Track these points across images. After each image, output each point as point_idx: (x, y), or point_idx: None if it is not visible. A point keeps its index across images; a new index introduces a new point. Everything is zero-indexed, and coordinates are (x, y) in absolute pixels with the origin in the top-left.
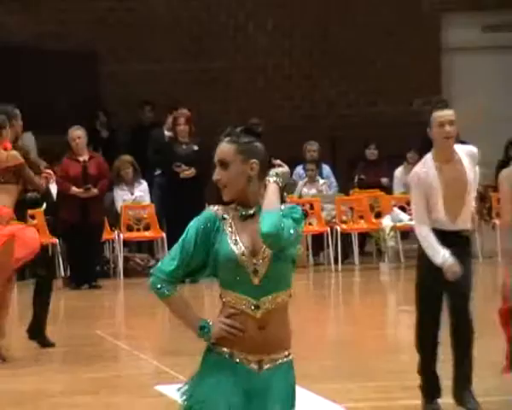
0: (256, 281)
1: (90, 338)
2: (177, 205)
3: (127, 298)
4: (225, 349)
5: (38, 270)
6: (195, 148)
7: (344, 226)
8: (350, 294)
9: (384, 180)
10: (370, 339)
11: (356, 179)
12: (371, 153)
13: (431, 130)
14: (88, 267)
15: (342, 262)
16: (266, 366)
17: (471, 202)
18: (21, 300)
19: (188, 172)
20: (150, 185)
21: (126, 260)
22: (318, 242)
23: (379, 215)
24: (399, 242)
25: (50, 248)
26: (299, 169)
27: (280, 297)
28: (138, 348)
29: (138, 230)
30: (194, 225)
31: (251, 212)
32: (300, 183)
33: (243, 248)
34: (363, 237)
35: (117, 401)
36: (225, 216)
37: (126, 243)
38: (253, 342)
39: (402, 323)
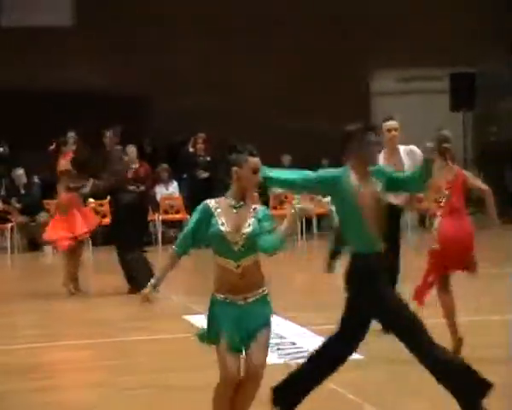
0: (236, 249)
1: None
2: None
3: (163, 258)
4: (221, 295)
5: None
6: (208, 159)
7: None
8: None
9: None
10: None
11: None
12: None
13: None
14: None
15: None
16: (249, 300)
17: None
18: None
19: (204, 175)
20: (179, 184)
21: (163, 233)
22: None
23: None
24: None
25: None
26: None
27: (252, 258)
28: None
29: (171, 213)
30: (195, 213)
31: (240, 204)
32: None
33: (228, 228)
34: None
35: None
36: (217, 207)
37: (164, 222)
38: (237, 287)
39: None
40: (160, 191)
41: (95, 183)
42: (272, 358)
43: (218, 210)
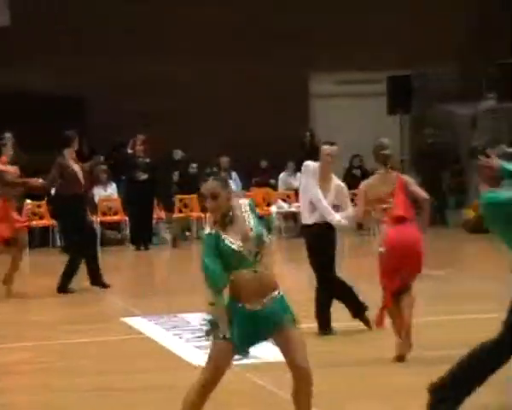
0: (251, 258)
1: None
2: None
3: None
4: (240, 304)
5: None
6: (148, 160)
7: None
8: None
9: (272, 181)
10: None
11: (253, 181)
12: (263, 163)
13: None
14: None
15: None
16: (267, 303)
17: None
18: None
19: (143, 176)
20: (118, 185)
21: (101, 235)
22: None
23: (269, 204)
24: (282, 221)
25: None
26: None
27: (264, 260)
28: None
29: (110, 215)
30: (205, 246)
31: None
32: None
33: (238, 242)
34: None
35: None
36: (218, 231)
37: (102, 224)
38: (258, 291)
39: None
40: (99, 193)
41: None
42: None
43: (221, 233)
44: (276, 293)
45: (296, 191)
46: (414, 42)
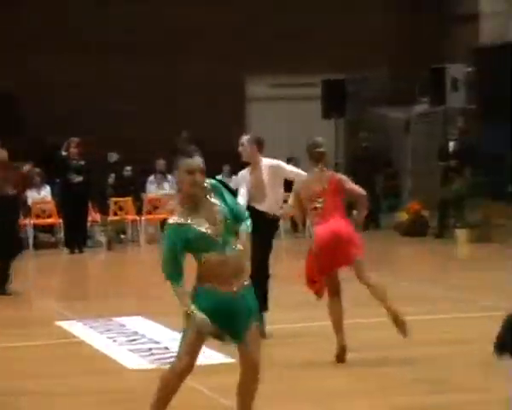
0: (221, 241)
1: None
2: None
3: (35, 263)
4: (210, 284)
5: None
6: (82, 163)
7: None
8: None
9: None
10: None
11: None
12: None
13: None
14: None
15: None
16: (237, 290)
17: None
18: None
19: (78, 179)
20: (52, 188)
21: (35, 238)
22: (165, 225)
23: None
24: None
25: None
26: (151, 178)
27: (235, 246)
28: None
29: (43, 218)
30: (166, 239)
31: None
32: (153, 186)
33: (206, 224)
34: None
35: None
36: (181, 218)
37: (36, 226)
38: (227, 276)
39: None
40: (32, 196)
41: None
42: (145, 363)
43: (188, 218)
44: (248, 281)
45: None
46: (348, 47)
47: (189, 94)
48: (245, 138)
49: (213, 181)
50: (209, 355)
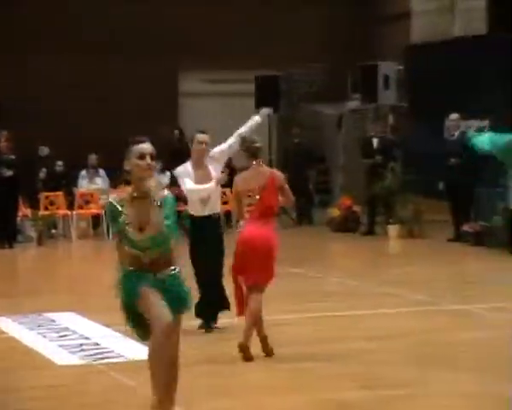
0: (142, 245)
1: None
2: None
3: None
4: (133, 269)
5: None
6: (12, 157)
7: None
8: None
9: None
10: None
11: (122, 179)
12: None
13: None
14: None
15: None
16: (161, 276)
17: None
18: None
19: (8, 173)
20: None
21: None
22: (96, 219)
23: None
24: None
25: None
26: (83, 172)
27: (161, 250)
28: None
29: None
30: (107, 216)
31: (136, 194)
32: (85, 181)
33: (129, 222)
34: None
35: None
36: (119, 200)
37: None
38: (146, 268)
39: None
40: None
41: None
42: (75, 359)
43: (122, 204)
44: (172, 269)
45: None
46: (281, 43)
47: (121, 91)
48: (203, 137)
49: (171, 195)
50: (137, 349)
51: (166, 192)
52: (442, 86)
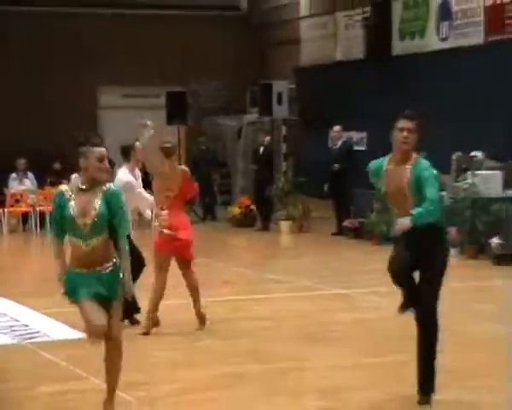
0: (84, 231)
1: None
2: None
3: None
4: (75, 269)
5: None
6: None
7: (42, 208)
8: None
9: (64, 181)
10: None
11: (48, 181)
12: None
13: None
14: None
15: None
16: (100, 272)
17: None
18: None
19: None
20: None
21: None
22: (25, 216)
23: None
24: None
25: None
26: (14, 175)
27: (100, 238)
28: None
29: None
30: (52, 202)
31: (84, 187)
32: (15, 182)
33: (77, 211)
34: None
35: None
36: (69, 191)
37: None
38: (86, 262)
39: None
40: None
41: None
42: (6, 339)
43: (70, 194)
44: (109, 265)
45: None
46: (189, 62)
47: (50, 101)
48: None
49: (115, 187)
50: (61, 330)
51: (112, 185)
52: (327, 102)
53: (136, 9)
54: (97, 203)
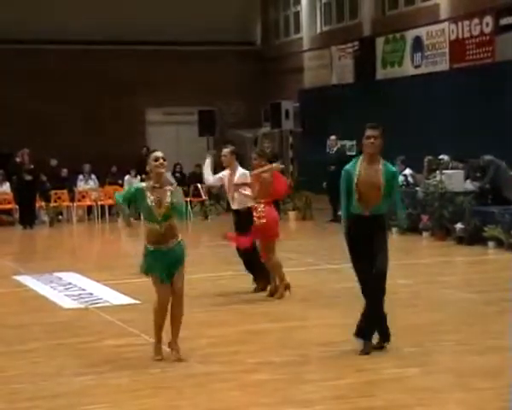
0: (159, 218)
1: None
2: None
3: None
4: (151, 246)
5: None
6: (32, 166)
7: (102, 203)
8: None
9: (119, 181)
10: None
11: (107, 181)
12: (113, 169)
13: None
14: None
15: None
16: (170, 246)
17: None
18: None
19: (27, 177)
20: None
21: None
22: (90, 209)
23: None
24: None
25: None
26: (81, 176)
27: (170, 222)
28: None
29: (5, 204)
30: (132, 188)
31: (156, 185)
32: (82, 183)
33: (153, 202)
34: None
35: None
36: (146, 188)
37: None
38: (160, 239)
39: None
40: None
41: None
42: (76, 304)
43: (147, 191)
44: (175, 240)
45: None
46: (216, 87)
47: (108, 119)
48: (225, 150)
49: (178, 188)
50: (118, 297)
51: (175, 186)
52: (324, 117)
53: (175, 46)
54: (168, 198)
